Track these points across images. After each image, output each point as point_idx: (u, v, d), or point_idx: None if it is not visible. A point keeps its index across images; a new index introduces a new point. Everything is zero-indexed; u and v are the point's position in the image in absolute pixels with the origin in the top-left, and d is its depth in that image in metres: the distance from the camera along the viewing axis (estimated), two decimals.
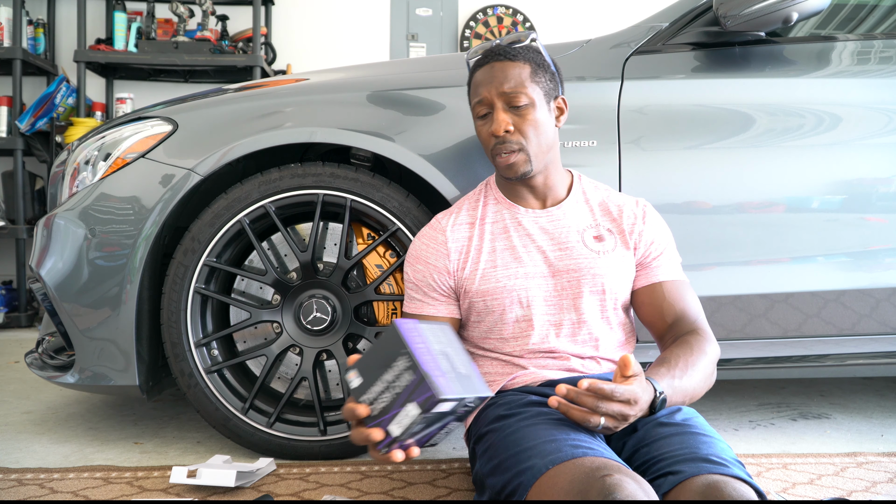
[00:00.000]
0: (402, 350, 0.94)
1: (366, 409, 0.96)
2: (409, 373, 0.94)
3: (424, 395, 0.92)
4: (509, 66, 1.30)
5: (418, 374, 0.93)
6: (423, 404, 0.92)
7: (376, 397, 0.96)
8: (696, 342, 1.21)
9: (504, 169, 1.31)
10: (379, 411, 0.95)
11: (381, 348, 0.97)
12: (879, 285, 1.63)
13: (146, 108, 1.78)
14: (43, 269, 1.63)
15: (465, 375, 1.01)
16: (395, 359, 0.95)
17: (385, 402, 0.95)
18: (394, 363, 0.95)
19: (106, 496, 1.37)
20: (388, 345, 0.96)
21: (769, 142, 1.61)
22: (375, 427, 0.95)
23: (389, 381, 0.95)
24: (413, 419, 0.93)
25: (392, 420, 0.94)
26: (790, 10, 1.54)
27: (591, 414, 1.01)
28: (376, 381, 0.96)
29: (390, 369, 0.95)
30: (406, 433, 0.95)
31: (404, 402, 0.94)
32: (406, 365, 0.94)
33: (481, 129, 1.33)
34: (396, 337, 0.95)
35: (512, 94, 1.28)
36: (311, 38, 4.35)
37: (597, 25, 3.85)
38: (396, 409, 0.94)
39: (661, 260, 1.34)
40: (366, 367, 0.98)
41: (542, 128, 1.31)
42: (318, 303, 1.59)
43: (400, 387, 0.94)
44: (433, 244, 1.36)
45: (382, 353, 0.96)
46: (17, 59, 3.62)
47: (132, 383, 1.59)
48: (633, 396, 1.01)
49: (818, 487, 1.44)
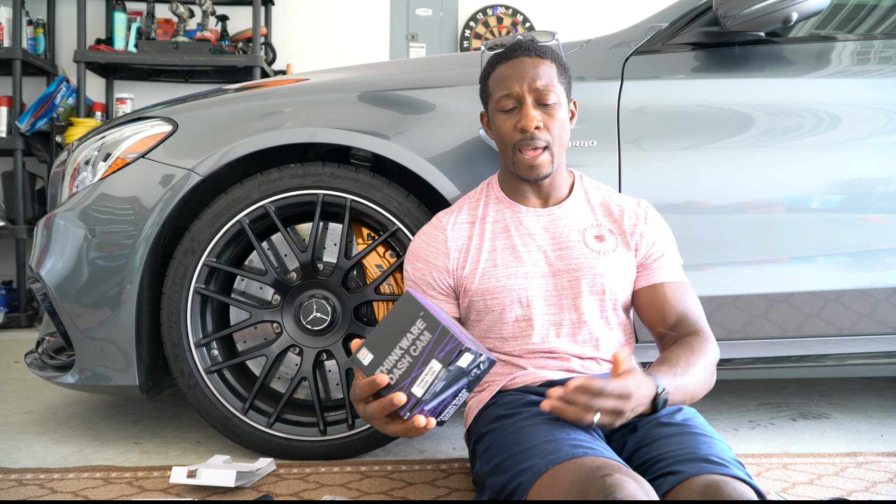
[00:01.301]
0: (420, 312, 0.98)
1: (385, 377, 0.97)
2: (427, 333, 0.97)
3: (447, 348, 0.95)
4: (540, 63, 1.30)
5: (438, 330, 0.96)
6: (445, 358, 0.95)
7: (394, 365, 0.98)
8: (697, 343, 1.21)
9: (525, 169, 1.30)
10: (398, 377, 0.98)
11: (394, 319, 0.99)
12: (879, 285, 1.63)
13: (146, 108, 1.78)
14: (43, 269, 1.63)
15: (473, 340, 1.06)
16: (411, 323, 0.98)
17: (404, 367, 0.98)
18: (411, 328, 0.98)
19: (106, 496, 1.37)
20: (401, 314, 0.99)
21: (769, 142, 1.61)
22: (397, 392, 0.97)
23: (406, 347, 0.98)
24: (436, 375, 0.96)
25: (414, 382, 0.97)
26: (790, 10, 1.54)
27: (585, 412, 1.01)
28: (392, 351, 0.98)
29: (407, 335, 0.98)
30: (429, 393, 0.97)
31: (426, 361, 0.96)
32: (424, 326, 0.97)
33: (504, 122, 1.31)
34: (412, 302, 0.99)
35: (544, 91, 1.28)
36: (311, 38, 4.35)
37: (597, 25, 3.85)
38: (418, 371, 0.97)
39: (663, 261, 1.34)
40: (377, 342, 1.00)
41: (565, 127, 1.32)
42: (318, 303, 1.59)
43: (419, 348, 0.97)
44: (433, 242, 1.36)
45: (396, 322, 0.99)
46: (17, 60, 3.62)
47: (132, 383, 1.59)
48: (626, 391, 1.01)
49: (818, 487, 1.44)
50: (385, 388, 0.99)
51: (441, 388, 0.98)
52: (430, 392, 0.97)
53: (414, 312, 0.98)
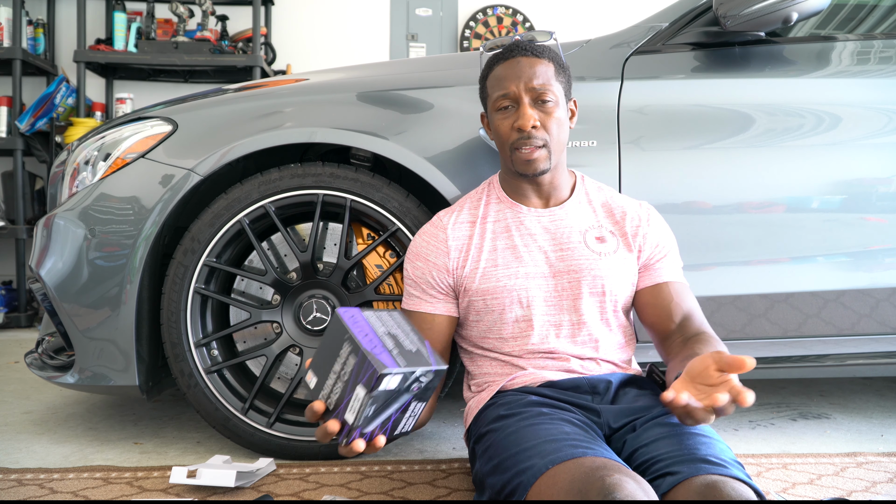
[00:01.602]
0: (345, 335, 0.96)
1: (321, 404, 0.97)
2: (352, 356, 0.94)
3: (367, 373, 0.92)
4: (536, 63, 1.30)
5: (360, 354, 0.93)
6: (367, 384, 0.92)
7: (330, 391, 0.97)
8: (713, 341, 1.17)
9: (523, 164, 1.30)
10: (334, 404, 0.96)
11: (328, 341, 0.98)
12: (879, 285, 1.63)
13: (146, 108, 1.78)
14: (43, 269, 1.63)
15: (412, 352, 1.00)
16: (339, 347, 0.96)
17: (338, 392, 0.96)
18: (339, 352, 0.96)
19: (106, 496, 1.37)
20: (332, 335, 0.97)
21: (769, 142, 1.61)
22: (333, 419, 0.95)
23: (338, 372, 0.96)
24: (362, 402, 0.93)
25: (346, 408, 0.95)
26: (790, 10, 1.54)
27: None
28: (328, 375, 0.97)
29: (338, 358, 0.96)
30: (360, 418, 0.94)
31: (353, 388, 0.94)
32: (349, 349, 0.95)
33: (502, 122, 1.32)
34: (338, 324, 0.97)
35: (541, 89, 1.29)
36: (311, 38, 4.35)
37: (597, 25, 3.86)
38: (348, 397, 0.94)
39: (666, 262, 1.34)
40: (319, 365, 0.99)
41: (563, 126, 1.32)
42: (317, 303, 1.59)
43: (347, 373, 0.95)
44: (434, 242, 1.36)
45: (329, 344, 0.98)
46: (17, 60, 3.62)
47: (132, 383, 1.59)
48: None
49: (818, 487, 1.44)
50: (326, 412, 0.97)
51: (373, 412, 0.95)
52: (361, 418, 0.94)
53: (340, 336, 0.96)
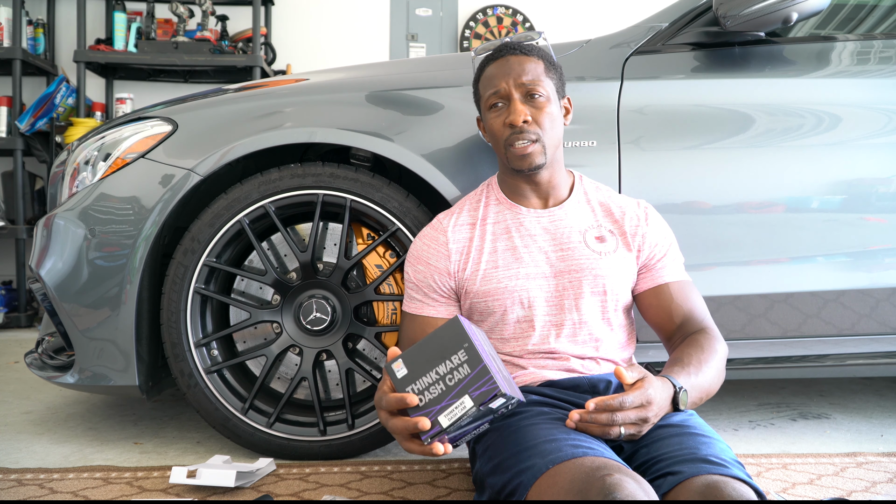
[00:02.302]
0: (464, 343, 0.96)
1: (416, 398, 0.96)
2: (466, 366, 0.95)
3: (482, 388, 0.93)
4: (525, 60, 1.31)
5: (479, 368, 0.94)
6: (479, 398, 0.94)
7: (426, 388, 0.97)
8: (706, 340, 1.22)
9: (518, 160, 1.30)
10: (427, 401, 0.96)
11: (437, 341, 0.98)
12: (879, 285, 1.63)
13: (146, 108, 1.78)
14: (43, 269, 1.63)
15: (507, 378, 1.04)
16: (453, 352, 0.96)
17: (436, 393, 0.96)
18: (451, 356, 0.96)
19: (106, 496, 1.37)
20: (446, 338, 0.97)
21: (769, 142, 1.61)
22: (422, 416, 0.95)
23: (443, 374, 0.96)
24: (465, 411, 0.94)
25: (443, 411, 0.95)
26: (790, 11, 1.54)
27: (610, 427, 1.02)
28: (427, 373, 0.97)
29: (446, 362, 0.96)
30: (454, 426, 0.95)
31: (459, 395, 0.95)
32: (465, 358, 0.95)
33: (494, 120, 1.32)
34: (459, 330, 0.97)
35: (530, 85, 1.29)
36: (311, 38, 4.35)
37: (597, 25, 3.85)
38: (450, 401, 0.95)
39: (666, 261, 1.34)
40: (415, 359, 0.98)
41: (556, 121, 1.32)
42: (317, 303, 1.59)
43: (455, 379, 0.95)
44: (434, 245, 1.36)
45: (438, 345, 0.97)
46: (17, 60, 3.62)
47: (132, 383, 1.59)
48: (645, 399, 1.03)
49: (818, 487, 1.44)
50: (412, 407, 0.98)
51: (468, 423, 0.98)
52: (455, 425, 0.96)
53: (458, 342, 0.96)
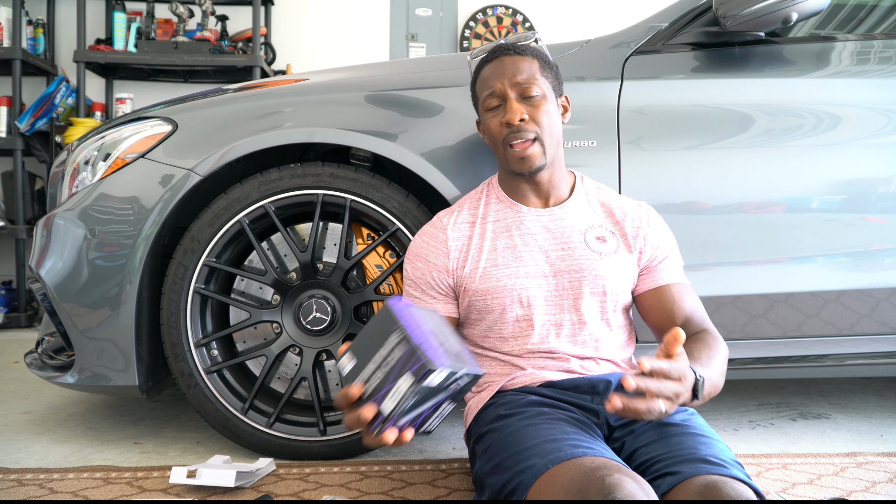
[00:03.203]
0: (394, 326, 0.96)
1: (359, 387, 0.96)
2: (400, 346, 0.94)
3: (416, 365, 0.93)
4: (520, 60, 1.32)
5: (410, 346, 0.94)
6: (415, 374, 0.93)
7: (369, 377, 0.96)
8: (712, 340, 1.21)
9: (518, 162, 1.30)
10: (371, 390, 0.96)
11: (373, 328, 0.98)
12: (879, 285, 1.63)
13: (146, 108, 1.78)
14: (43, 269, 1.63)
15: (455, 353, 1.02)
16: (387, 336, 0.96)
17: (378, 379, 0.96)
18: (386, 340, 0.96)
19: (106, 496, 1.37)
20: (379, 324, 0.97)
21: (769, 142, 1.61)
22: (369, 405, 0.95)
23: (382, 358, 0.96)
24: (405, 392, 0.93)
25: (385, 396, 0.95)
26: (790, 11, 1.54)
27: (655, 400, 0.95)
28: (369, 361, 0.97)
29: (383, 347, 0.96)
30: (398, 409, 0.94)
31: (397, 377, 0.94)
32: (398, 339, 0.95)
33: (492, 121, 1.32)
34: (388, 315, 0.97)
35: (525, 84, 1.29)
36: (311, 38, 4.35)
37: (597, 25, 3.85)
38: (389, 385, 0.94)
39: (667, 263, 1.34)
40: (358, 350, 0.99)
41: (554, 120, 1.32)
42: (317, 303, 1.59)
43: (392, 362, 0.95)
44: (434, 242, 1.36)
45: (374, 332, 0.98)
46: (17, 60, 3.62)
47: (132, 383, 1.59)
48: (683, 373, 0.98)
49: (818, 487, 1.44)
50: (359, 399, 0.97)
51: (412, 404, 0.96)
52: (399, 408, 0.94)
53: (388, 325, 0.96)
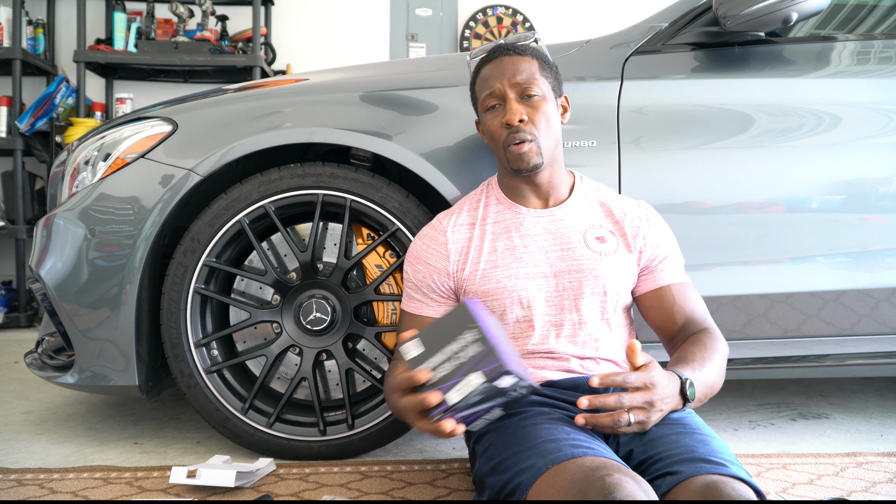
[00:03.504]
0: (471, 324, 0.99)
1: (427, 373, 0.98)
2: (476, 345, 0.97)
3: (490, 365, 0.96)
4: (519, 60, 1.32)
5: (487, 346, 0.97)
6: (488, 374, 0.96)
7: (438, 365, 0.99)
8: (708, 339, 1.23)
9: (516, 160, 1.30)
10: (438, 378, 0.98)
11: (447, 322, 1.01)
12: (879, 285, 1.63)
13: (146, 108, 1.78)
14: (43, 269, 1.63)
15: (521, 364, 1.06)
16: (461, 331, 0.99)
17: (446, 370, 0.98)
18: (459, 336, 0.99)
19: (106, 496, 1.37)
20: (454, 319, 1.00)
21: (769, 142, 1.61)
22: (433, 392, 0.97)
23: (453, 352, 0.99)
24: (474, 388, 0.97)
25: (453, 387, 0.97)
26: (790, 11, 1.54)
27: (619, 413, 1.02)
28: (438, 352, 0.99)
29: (455, 341, 0.99)
30: (462, 403, 0.97)
31: (468, 372, 0.97)
32: (474, 337, 0.98)
33: (491, 121, 1.33)
34: (465, 312, 1.00)
35: (525, 84, 1.30)
36: (311, 38, 4.35)
37: (597, 25, 3.85)
38: (458, 378, 0.97)
39: (667, 263, 1.34)
40: (428, 339, 1.01)
41: (553, 121, 1.32)
42: (317, 303, 1.59)
43: (465, 357, 0.98)
44: (434, 245, 1.36)
45: (448, 326, 1.00)
46: (17, 60, 3.61)
47: (132, 383, 1.59)
48: (648, 380, 1.03)
49: (818, 487, 1.44)
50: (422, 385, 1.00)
51: (476, 400, 0.99)
52: (464, 402, 0.98)
53: (465, 323, 0.99)
